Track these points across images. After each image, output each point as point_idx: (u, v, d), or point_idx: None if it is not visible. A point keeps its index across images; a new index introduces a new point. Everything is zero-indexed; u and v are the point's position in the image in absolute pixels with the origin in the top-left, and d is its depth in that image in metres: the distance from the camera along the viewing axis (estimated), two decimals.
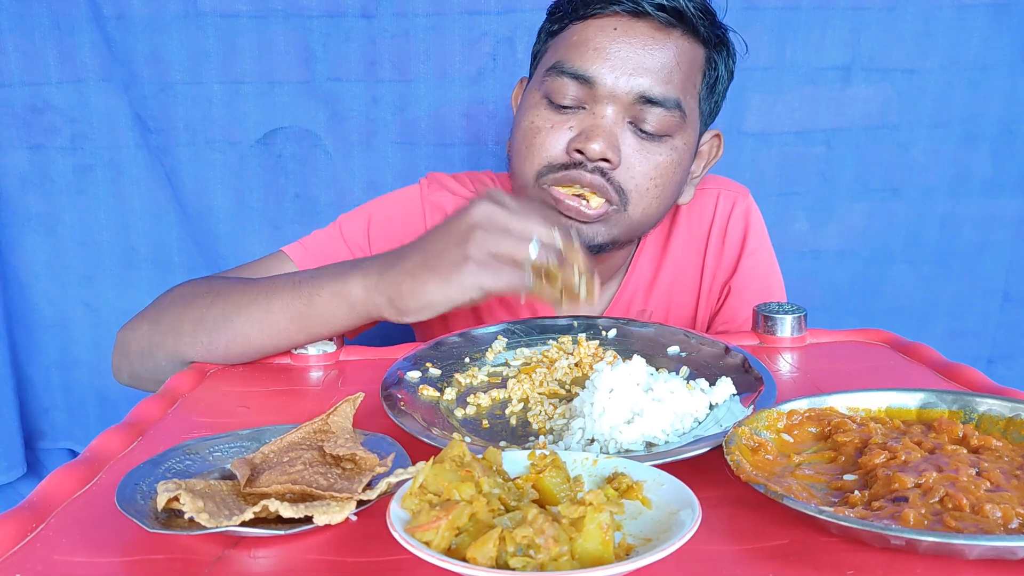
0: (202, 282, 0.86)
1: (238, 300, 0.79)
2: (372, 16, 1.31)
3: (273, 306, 0.77)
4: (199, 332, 0.80)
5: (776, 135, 1.42)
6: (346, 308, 0.74)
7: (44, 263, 1.38)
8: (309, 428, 0.59)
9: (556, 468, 0.48)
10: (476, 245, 0.65)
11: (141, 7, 1.28)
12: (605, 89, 0.83)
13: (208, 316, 0.79)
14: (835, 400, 0.61)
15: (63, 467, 0.56)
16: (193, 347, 0.80)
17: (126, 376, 0.88)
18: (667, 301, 1.04)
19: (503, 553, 0.40)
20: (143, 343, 0.84)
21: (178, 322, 0.82)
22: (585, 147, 0.83)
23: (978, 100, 1.42)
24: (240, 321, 0.78)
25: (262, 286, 0.79)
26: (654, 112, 0.84)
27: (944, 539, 0.42)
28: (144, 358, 0.84)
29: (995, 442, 0.54)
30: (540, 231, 0.66)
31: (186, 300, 0.83)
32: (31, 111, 1.31)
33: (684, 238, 1.04)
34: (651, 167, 0.86)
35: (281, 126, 1.35)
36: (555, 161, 0.86)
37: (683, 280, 1.04)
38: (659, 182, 0.87)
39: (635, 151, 0.85)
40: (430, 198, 1.02)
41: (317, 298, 0.75)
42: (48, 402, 1.44)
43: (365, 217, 1.01)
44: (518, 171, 0.90)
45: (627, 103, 0.84)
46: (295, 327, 0.77)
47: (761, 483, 0.48)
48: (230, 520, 0.45)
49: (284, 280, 0.78)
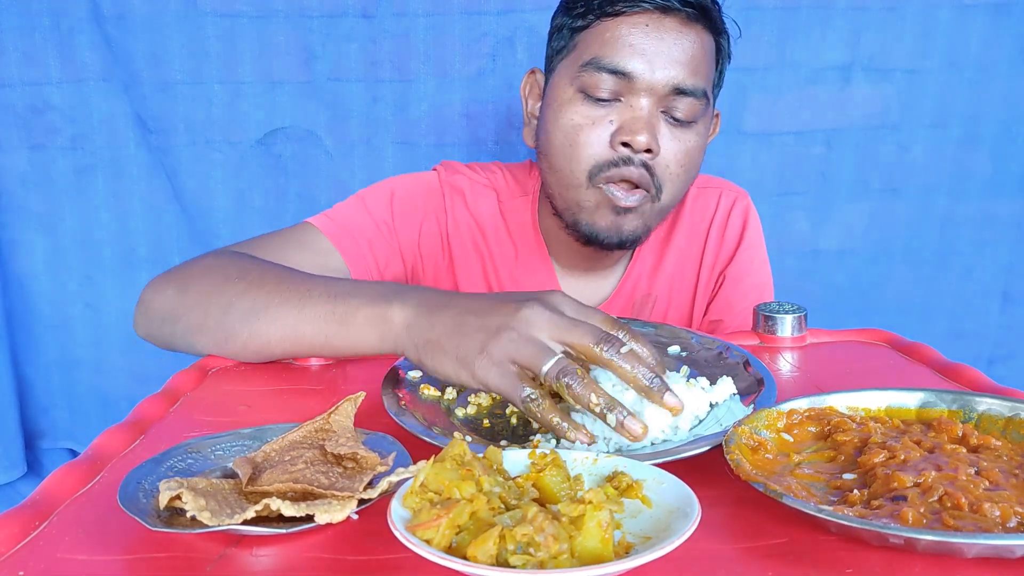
0: (235, 262, 0.83)
1: (268, 298, 0.76)
2: (372, 16, 1.31)
3: (303, 316, 0.74)
4: (224, 321, 0.78)
5: (776, 135, 1.42)
6: (377, 338, 0.71)
7: (44, 263, 1.38)
8: (310, 427, 0.59)
9: (556, 467, 0.49)
10: (500, 346, 0.61)
11: (141, 7, 1.28)
12: (642, 82, 0.88)
13: (236, 306, 0.77)
14: (835, 400, 0.61)
15: (65, 466, 0.56)
16: (215, 332, 0.79)
17: (143, 332, 0.87)
18: (669, 288, 1.08)
19: (503, 551, 0.40)
20: (166, 308, 0.82)
21: (205, 301, 0.79)
22: (632, 140, 0.88)
23: (978, 100, 1.42)
24: (266, 321, 0.76)
25: (295, 288, 0.76)
26: (685, 101, 0.89)
27: (943, 538, 0.42)
28: (164, 323, 0.82)
29: (994, 441, 0.54)
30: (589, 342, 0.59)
31: (217, 280, 0.80)
32: (31, 111, 1.31)
33: (687, 231, 1.08)
34: (682, 152, 0.91)
35: (281, 126, 1.35)
36: (602, 159, 0.90)
37: (684, 270, 1.08)
38: (687, 167, 0.93)
39: (668, 139, 0.90)
40: (448, 180, 1.05)
41: (351, 321, 0.72)
42: (48, 402, 1.44)
43: (388, 191, 1.02)
44: (566, 171, 0.93)
45: (662, 95, 0.89)
46: (320, 342, 0.75)
47: (761, 482, 0.48)
48: (232, 518, 0.46)
49: (319, 290, 0.75)
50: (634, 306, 1.07)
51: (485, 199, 1.05)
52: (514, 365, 0.60)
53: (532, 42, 1.35)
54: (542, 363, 0.59)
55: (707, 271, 1.09)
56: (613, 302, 1.07)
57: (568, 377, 0.58)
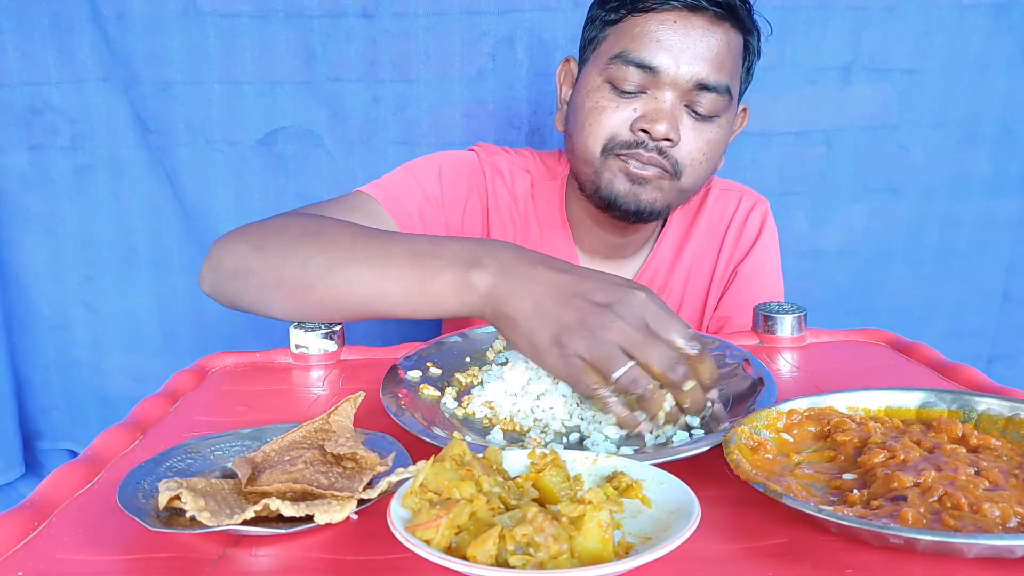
0: (312, 220, 0.82)
1: (348, 253, 0.74)
2: (372, 16, 1.31)
3: (384, 273, 0.72)
4: (303, 276, 0.76)
5: (776, 135, 1.42)
6: (457, 302, 0.70)
7: (44, 263, 1.38)
8: (310, 427, 0.59)
9: (556, 467, 0.49)
10: (572, 341, 0.61)
11: (141, 7, 1.28)
12: (667, 77, 0.91)
13: (313, 261, 0.75)
14: (835, 399, 0.61)
15: (65, 466, 0.56)
16: (292, 288, 0.76)
17: (208, 287, 0.85)
18: (685, 282, 1.11)
19: (503, 551, 0.40)
20: (239, 263, 0.80)
21: (282, 256, 0.78)
22: (651, 128, 0.91)
23: (978, 100, 1.42)
24: (345, 277, 0.74)
25: (374, 244, 0.75)
26: (708, 96, 0.92)
27: (943, 538, 0.42)
28: (236, 279, 0.80)
29: (994, 441, 0.54)
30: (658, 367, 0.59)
31: (295, 235, 0.79)
32: (31, 111, 1.31)
33: (706, 228, 1.12)
34: (703, 144, 0.95)
35: (281, 126, 1.35)
36: (619, 138, 0.94)
37: (700, 265, 1.12)
38: (709, 156, 0.96)
39: (689, 131, 0.93)
40: (489, 160, 1.08)
41: (431, 283, 0.70)
42: (47, 402, 1.44)
43: (436, 166, 1.04)
44: (582, 145, 0.96)
45: (686, 89, 0.92)
46: (399, 301, 0.72)
47: (760, 482, 0.48)
48: (231, 519, 0.46)
49: (400, 248, 0.74)
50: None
51: (521, 180, 1.09)
52: (583, 361, 0.60)
53: (532, 42, 1.35)
54: (612, 370, 0.59)
55: (722, 267, 1.11)
56: None
57: (638, 388, 0.59)
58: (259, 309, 0.80)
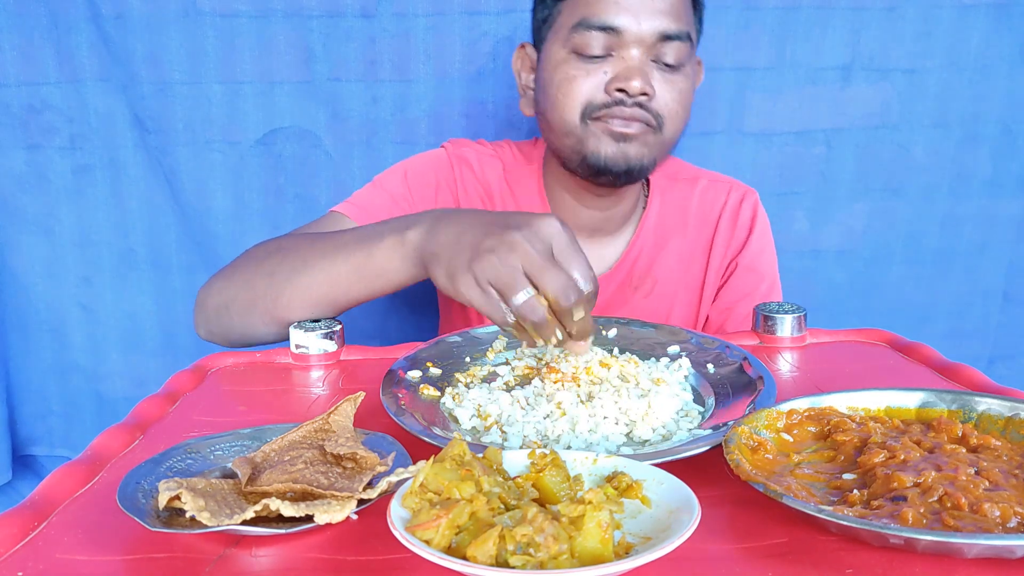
0: (274, 241, 0.91)
1: (306, 255, 0.83)
2: (372, 16, 1.31)
3: (337, 258, 0.80)
4: (270, 287, 0.84)
5: (776, 135, 1.42)
6: (400, 259, 0.77)
7: (41, 264, 1.37)
8: (310, 427, 0.59)
9: (556, 467, 0.49)
10: (481, 266, 0.66)
11: (140, 7, 1.27)
12: (631, 35, 0.93)
13: (279, 271, 0.83)
14: (835, 400, 0.61)
15: (64, 466, 0.56)
16: (264, 301, 0.84)
17: (204, 332, 0.93)
18: (676, 275, 1.12)
19: (503, 551, 0.40)
20: (219, 299, 0.88)
21: (252, 278, 0.86)
22: (627, 85, 0.93)
23: (978, 100, 1.42)
24: (307, 274, 0.82)
25: (328, 240, 0.83)
26: (672, 46, 0.95)
27: (943, 538, 0.42)
28: (221, 314, 0.88)
29: (994, 441, 0.54)
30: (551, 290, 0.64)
31: (259, 259, 0.87)
32: (29, 111, 1.31)
33: (696, 221, 1.13)
34: (677, 93, 0.97)
35: (281, 126, 1.35)
36: (596, 101, 0.95)
37: (693, 258, 1.13)
38: (683, 104, 0.99)
39: (661, 83, 0.96)
40: (456, 152, 1.12)
41: (377, 248, 0.78)
42: (43, 408, 1.43)
43: (401, 171, 1.09)
44: (560, 118, 0.98)
45: (650, 44, 0.94)
46: (355, 277, 0.80)
47: (760, 482, 0.48)
48: (231, 519, 0.46)
49: (349, 233, 0.82)
50: (633, 281, 1.11)
51: (492, 168, 1.12)
52: (494, 289, 0.65)
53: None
54: (513, 295, 0.64)
55: (717, 259, 1.12)
56: (614, 274, 1.10)
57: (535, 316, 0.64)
58: (249, 336, 0.89)
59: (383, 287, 0.80)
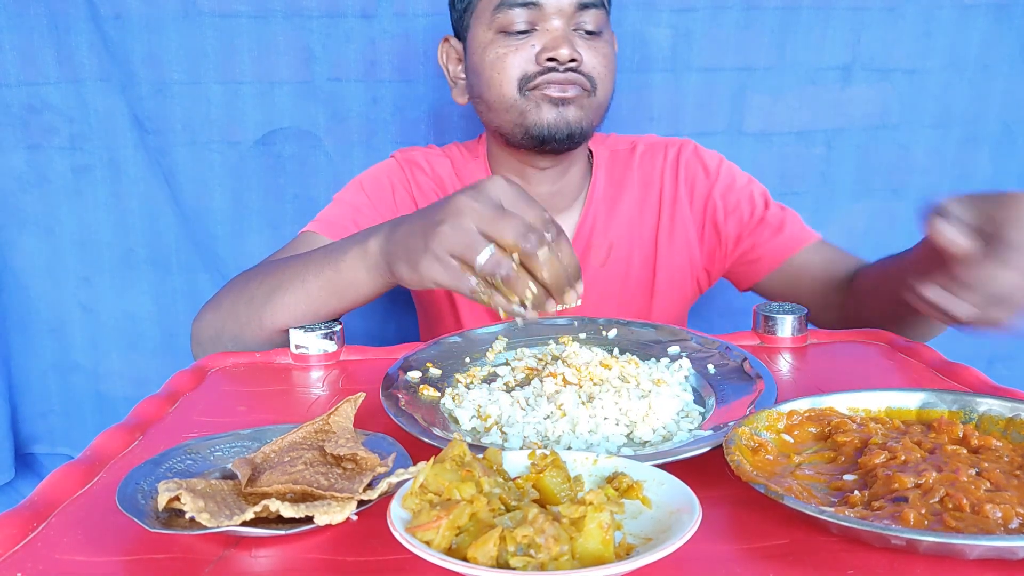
0: (255, 268, 0.94)
1: (280, 276, 0.86)
2: (372, 16, 1.31)
3: (308, 276, 0.83)
4: (251, 311, 0.87)
5: (776, 135, 1.41)
6: (365, 270, 0.79)
7: (41, 264, 1.37)
8: (310, 428, 0.59)
9: (556, 468, 0.48)
10: (437, 239, 0.66)
11: (139, 7, 1.27)
12: (551, 7, 0.99)
13: (257, 295, 0.87)
14: (835, 400, 0.61)
15: (64, 466, 0.56)
16: (248, 326, 0.87)
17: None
18: (629, 237, 1.14)
19: (504, 552, 0.40)
20: (210, 330, 0.92)
21: (235, 306, 0.89)
22: (556, 54, 0.98)
23: (978, 100, 1.42)
24: (282, 295, 0.84)
25: (300, 260, 0.86)
26: (590, 13, 1.00)
27: (944, 539, 0.42)
28: (215, 343, 0.91)
29: (995, 442, 0.54)
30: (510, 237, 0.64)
31: (240, 286, 0.91)
32: (29, 111, 1.31)
33: (640, 182, 1.16)
34: (603, 57, 1.02)
35: (280, 126, 1.35)
36: (530, 71, 1.00)
37: (643, 218, 1.15)
38: (610, 68, 1.04)
39: (586, 49, 1.01)
40: (404, 157, 1.15)
41: (343, 262, 0.80)
42: (44, 407, 1.43)
43: (357, 183, 1.13)
44: (498, 95, 1.02)
45: (570, 13, 0.99)
46: (327, 293, 0.82)
47: (761, 483, 0.48)
48: (231, 520, 0.46)
49: (318, 251, 0.85)
50: (590, 252, 1.13)
51: (442, 165, 1.15)
52: (455, 259, 0.65)
53: None
54: (474, 256, 0.64)
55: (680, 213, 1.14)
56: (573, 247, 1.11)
57: (501, 270, 0.63)
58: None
59: (354, 299, 0.82)
